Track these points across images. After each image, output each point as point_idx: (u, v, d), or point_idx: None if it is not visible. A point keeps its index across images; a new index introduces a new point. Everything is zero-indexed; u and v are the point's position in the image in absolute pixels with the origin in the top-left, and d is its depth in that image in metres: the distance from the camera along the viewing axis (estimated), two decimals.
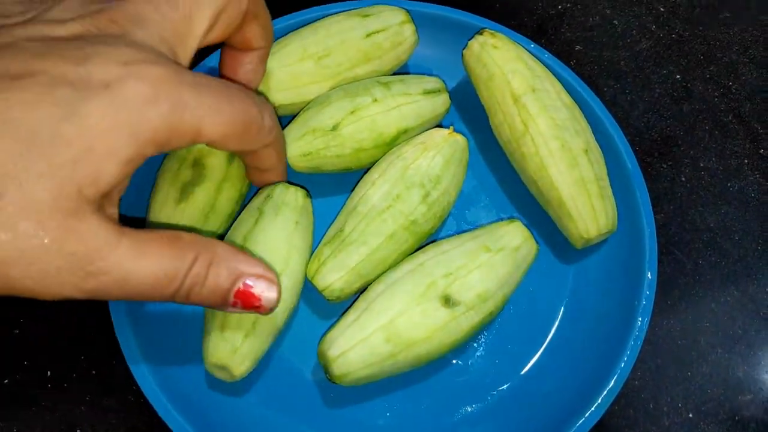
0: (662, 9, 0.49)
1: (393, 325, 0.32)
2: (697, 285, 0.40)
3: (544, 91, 0.37)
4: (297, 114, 0.38)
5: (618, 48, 0.47)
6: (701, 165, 0.44)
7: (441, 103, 0.40)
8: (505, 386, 0.36)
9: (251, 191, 0.38)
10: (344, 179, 0.39)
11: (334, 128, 0.36)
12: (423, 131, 0.39)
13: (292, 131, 0.37)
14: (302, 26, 0.40)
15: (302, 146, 0.36)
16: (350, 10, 0.41)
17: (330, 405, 0.35)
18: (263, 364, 0.36)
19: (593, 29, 0.48)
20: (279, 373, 0.36)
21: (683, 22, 0.49)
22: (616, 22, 0.48)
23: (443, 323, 0.32)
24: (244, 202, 0.38)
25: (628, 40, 0.48)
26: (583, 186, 0.36)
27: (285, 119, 0.40)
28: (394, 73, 0.42)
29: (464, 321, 0.32)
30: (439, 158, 0.36)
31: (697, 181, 0.43)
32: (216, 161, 0.36)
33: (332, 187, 0.39)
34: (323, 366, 0.33)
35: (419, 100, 0.39)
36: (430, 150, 0.36)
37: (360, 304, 0.34)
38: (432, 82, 0.40)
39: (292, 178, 0.39)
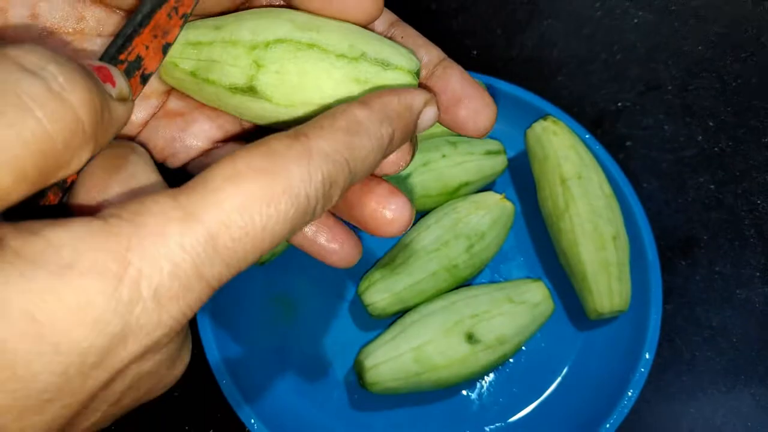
0: (711, 123, 0.55)
1: (422, 350, 0.38)
2: (690, 373, 0.45)
3: (589, 179, 0.43)
4: None
5: (664, 150, 0.53)
6: (716, 269, 0.49)
7: (499, 162, 0.46)
8: (502, 422, 0.41)
9: None
10: None
11: (407, 176, 0.43)
12: (482, 185, 0.46)
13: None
14: None
15: None
16: None
17: (354, 406, 0.41)
18: (304, 357, 0.42)
19: (645, 130, 0.54)
20: (315, 369, 0.42)
21: (727, 138, 0.54)
22: (666, 127, 0.54)
23: (463, 356, 0.38)
24: None
25: (675, 145, 0.53)
26: (605, 267, 0.41)
27: None
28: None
29: (481, 357, 0.38)
30: (487, 218, 0.42)
31: (710, 282, 0.48)
32: None
33: None
34: (357, 372, 0.39)
35: (481, 158, 0.45)
36: (481, 209, 0.42)
37: (397, 327, 0.40)
38: (493, 144, 0.47)
39: None
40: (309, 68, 0.20)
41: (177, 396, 0.42)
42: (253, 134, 0.24)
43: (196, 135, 0.23)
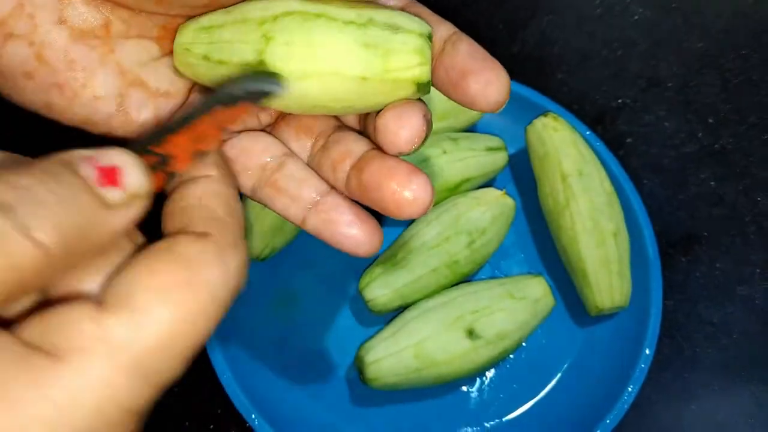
0: (711, 120, 0.55)
1: (422, 345, 0.38)
2: (691, 370, 0.45)
3: (589, 175, 0.43)
4: None
5: (665, 147, 0.53)
6: (717, 266, 0.49)
7: (500, 158, 0.46)
8: (502, 418, 0.42)
9: None
10: None
11: None
12: (483, 181, 0.46)
13: None
14: None
15: None
16: None
17: (354, 401, 0.41)
18: (304, 353, 0.42)
19: (646, 126, 0.54)
20: (316, 365, 0.42)
21: (729, 135, 0.54)
22: (667, 123, 0.54)
23: (464, 351, 0.38)
24: None
25: (676, 142, 0.53)
26: (606, 264, 0.41)
27: None
28: (463, 131, 0.49)
29: (482, 353, 0.39)
30: (488, 214, 0.42)
31: (711, 279, 0.48)
32: None
33: (390, 218, 0.46)
34: (358, 368, 0.39)
35: (482, 155, 0.45)
36: (482, 205, 0.42)
37: (397, 322, 0.40)
38: (494, 141, 0.47)
39: None
40: (317, 37, 0.20)
41: (177, 392, 0.42)
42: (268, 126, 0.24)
43: None
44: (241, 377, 0.39)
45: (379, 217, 0.23)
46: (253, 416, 0.38)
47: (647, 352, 0.41)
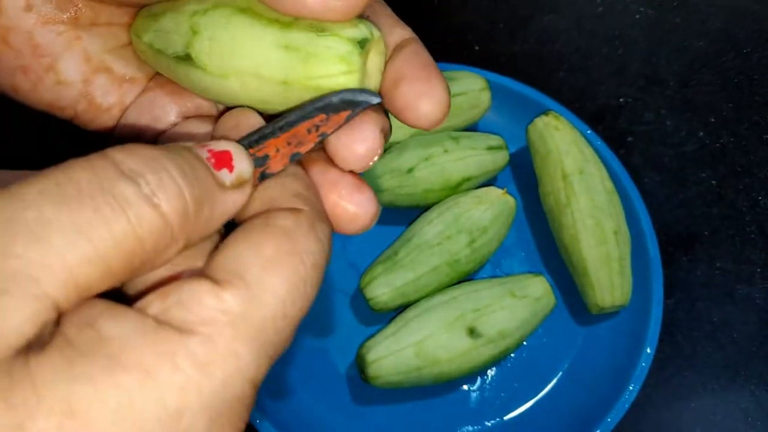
0: (712, 119, 0.55)
1: (423, 344, 0.38)
2: (690, 368, 0.45)
3: (590, 174, 0.43)
4: None
5: (665, 145, 0.53)
6: (717, 265, 0.49)
7: (501, 157, 0.46)
8: (503, 417, 0.42)
9: None
10: (403, 212, 0.46)
11: (409, 171, 0.43)
12: (484, 180, 0.46)
13: (371, 170, 0.44)
14: None
15: (380, 183, 0.43)
16: None
17: (355, 400, 0.41)
18: (305, 351, 0.42)
19: (647, 125, 0.54)
20: (317, 363, 0.42)
21: (729, 134, 0.54)
22: (668, 122, 0.54)
23: (465, 350, 0.38)
24: None
25: (676, 141, 0.53)
26: (607, 262, 0.41)
27: None
28: (464, 129, 0.49)
29: (483, 351, 0.39)
30: (489, 213, 0.42)
31: (711, 278, 0.48)
32: None
33: (392, 217, 0.46)
34: (359, 366, 0.39)
35: (483, 154, 0.45)
36: (483, 204, 0.42)
37: (399, 321, 0.40)
38: (495, 140, 0.47)
39: None
40: (239, 34, 0.19)
41: None
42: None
43: (163, 108, 0.22)
44: None
45: (381, 217, 0.22)
46: (254, 414, 0.38)
47: (648, 351, 0.41)
